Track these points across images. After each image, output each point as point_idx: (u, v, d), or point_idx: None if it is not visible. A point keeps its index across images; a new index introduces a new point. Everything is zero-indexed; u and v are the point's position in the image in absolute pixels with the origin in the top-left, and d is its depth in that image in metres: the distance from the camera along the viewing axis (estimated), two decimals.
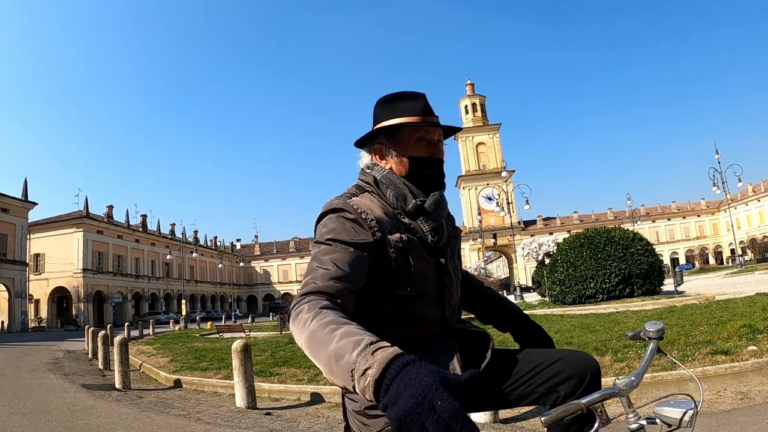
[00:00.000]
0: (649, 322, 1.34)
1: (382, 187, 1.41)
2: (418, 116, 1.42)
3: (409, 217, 1.38)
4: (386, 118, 1.44)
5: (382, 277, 1.29)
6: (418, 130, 1.42)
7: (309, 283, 1.15)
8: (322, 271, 1.17)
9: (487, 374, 1.42)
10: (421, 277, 1.34)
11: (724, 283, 22.65)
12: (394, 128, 1.42)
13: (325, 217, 1.31)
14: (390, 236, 1.31)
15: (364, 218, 1.29)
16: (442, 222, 1.43)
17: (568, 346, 7.13)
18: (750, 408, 4.26)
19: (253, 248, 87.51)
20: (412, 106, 1.43)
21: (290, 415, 5.79)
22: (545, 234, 59.60)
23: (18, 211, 42.41)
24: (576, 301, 16.53)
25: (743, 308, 8.79)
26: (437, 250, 1.40)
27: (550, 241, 23.68)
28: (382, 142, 1.45)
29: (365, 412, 1.31)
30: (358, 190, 1.42)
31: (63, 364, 12.90)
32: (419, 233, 1.37)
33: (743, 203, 73.73)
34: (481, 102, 79.38)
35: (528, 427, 4.57)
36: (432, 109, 1.45)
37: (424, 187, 1.41)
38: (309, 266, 1.22)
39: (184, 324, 34.29)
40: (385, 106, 1.46)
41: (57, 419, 5.92)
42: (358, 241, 1.24)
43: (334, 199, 1.35)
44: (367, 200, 1.37)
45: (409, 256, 1.31)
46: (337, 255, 1.20)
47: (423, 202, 1.38)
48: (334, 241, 1.23)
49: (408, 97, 1.45)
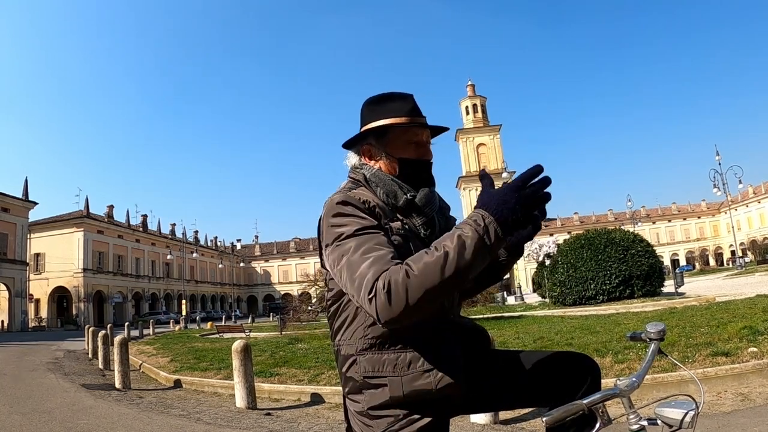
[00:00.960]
0: (650, 323, 1.34)
1: (372, 185, 1.40)
2: (407, 117, 1.42)
3: (400, 212, 1.38)
4: (374, 119, 1.44)
5: None
6: (407, 131, 1.43)
7: (376, 268, 1.11)
8: (378, 254, 1.15)
9: (490, 375, 1.42)
10: None
11: (725, 284, 22.67)
12: (382, 129, 1.42)
13: (334, 211, 1.29)
14: (392, 224, 1.32)
15: (368, 207, 1.30)
16: (433, 216, 1.42)
17: (568, 348, 7.13)
18: (751, 409, 4.25)
19: (253, 248, 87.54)
20: (400, 106, 1.43)
21: (290, 416, 5.79)
22: (545, 235, 59.42)
23: (18, 211, 42.43)
24: (576, 302, 16.54)
25: (744, 310, 8.79)
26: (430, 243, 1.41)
27: (550, 242, 23.69)
28: (371, 143, 1.45)
29: (368, 412, 1.30)
30: (353, 184, 1.42)
31: (63, 363, 12.90)
32: (412, 228, 1.37)
33: (744, 205, 73.73)
34: (482, 103, 79.43)
35: (528, 428, 4.57)
36: (420, 109, 1.45)
37: (415, 184, 1.42)
38: (353, 259, 1.17)
39: (184, 324, 34.32)
40: (372, 107, 1.46)
41: (57, 419, 5.92)
42: (378, 223, 1.26)
43: (335, 195, 1.34)
44: (366, 192, 1.38)
45: (410, 244, 1.32)
46: (375, 240, 1.20)
47: (414, 197, 1.39)
48: (363, 230, 1.22)
49: (396, 97, 1.45)
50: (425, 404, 1.28)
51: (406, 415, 1.27)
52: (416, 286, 1.05)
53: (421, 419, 1.27)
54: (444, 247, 1.08)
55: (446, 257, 1.06)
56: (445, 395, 1.28)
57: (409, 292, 1.05)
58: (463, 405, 1.40)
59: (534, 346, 7.70)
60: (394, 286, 1.06)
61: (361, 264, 1.15)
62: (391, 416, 1.27)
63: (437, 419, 1.30)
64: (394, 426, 1.26)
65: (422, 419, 1.27)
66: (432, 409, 1.29)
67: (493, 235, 1.08)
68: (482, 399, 1.43)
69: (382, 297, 1.07)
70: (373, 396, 1.29)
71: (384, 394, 1.27)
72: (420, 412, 1.27)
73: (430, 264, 1.06)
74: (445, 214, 1.53)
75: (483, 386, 1.41)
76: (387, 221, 1.32)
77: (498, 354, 1.50)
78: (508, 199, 1.09)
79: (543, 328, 10.26)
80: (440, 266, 1.05)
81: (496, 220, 1.08)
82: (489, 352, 1.49)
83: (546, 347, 7.52)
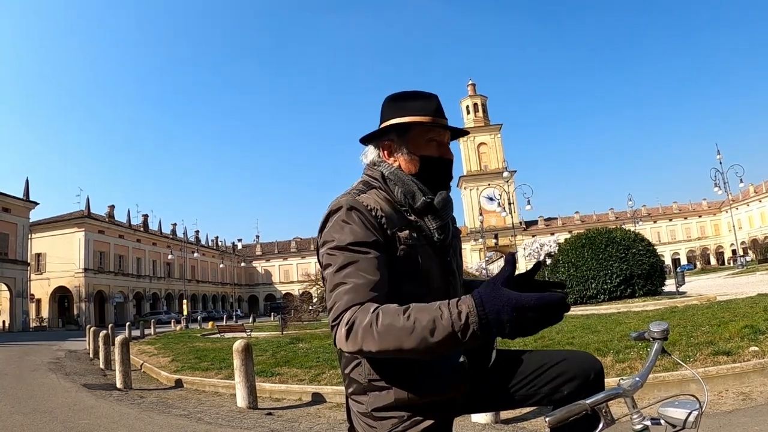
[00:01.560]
0: (653, 322, 1.34)
1: (390, 184, 1.39)
2: (431, 117, 1.41)
3: (416, 214, 1.37)
4: (396, 116, 1.43)
5: (392, 274, 1.28)
6: (429, 130, 1.42)
7: (348, 298, 1.16)
8: (356, 283, 1.17)
9: (491, 375, 1.42)
10: (428, 275, 1.34)
11: (726, 283, 22.64)
12: (405, 126, 1.42)
13: (336, 215, 1.29)
14: (399, 233, 1.31)
15: (374, 215, 1.28)
16: (448, 221, 1.42)
17: (569, 347, 7.12)
18: (752, 409, 4.25)
19: (254, 248, 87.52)
20: (424, 105, 1.42)
21: (291, 416, 5.79)
22: (547, 234, 59.61)
23: (19, 211, 42.47)
24: (577, 301, 16.52)
25: (745, 309, 8.78)
26: (443, 248, 1.40)
27: (551, 241, 23.70)
28: (392, 139, 1.44)
29: (372, 414, 1.30)
30: (365, 186, 1.40)
31: (64, 363, 12.91)
32: (425, 231, 1.36)
33: (745, 204, 73.63)
34: (483, 102, 79.34)
35: (529, 427, 4.57)
36: (443, 110, 1.45)
37: (432, 185, 1.41)
38: (335, 278, 1.20)
39: (185, 324, 34.28)
40: (395, 104, 1.45)
41: (58, 419, 5.92)
42: (375, 240, 1.25)
43: (341, 197, 1.33)
44: (375, 197, 1.35)
45: (417, 253, 1.31)
46: (363, 264, 1.20)
47: (432, 200, 1.38)
48: (356, 246, 1.23)
49: (421, 96, 1.45)
50: (429, 406, 1.28)
51: (410, 417, 1.27)
52: (373, 340, 1.07)
53: (424, 420, 1.27)
54: (417, 319, 1.04)
55: (412, 331, 1.03)
56: (450, 397, 1.29)
57: (366, 341, 1.08)
58: (465, 405, 1.40)
59: (535, 345, 7.69)
60: (356, 328, 1.09)
61: (340, 287, 1.18)
62: (395, 417, 1.28)
63: (441, 420, 1.30)
64: (399, 427, 1.27)
65: (426, 420, 1.27)
66: (436, 411, 1.29)
67: (470, 335, 1.01)
68: (484, 399, 1.43)
69: (343, 330, 1.11)
70: (378, 398, 1.29)
71: (389, 397, 1.28)
72: (423, 414, 1.28)
73: (395, 329, 1.05)
74: (453, 222, 1.53)
75: (484, 386, 1.41)
76: (394, 230, 1.30)
77: (501, 353, 1.49)
78: (509, 312, 0.98)
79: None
80: (402, 336, 1.04)
81: (480, 323, 1.00)
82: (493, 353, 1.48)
83: (547, 346, 7.51)
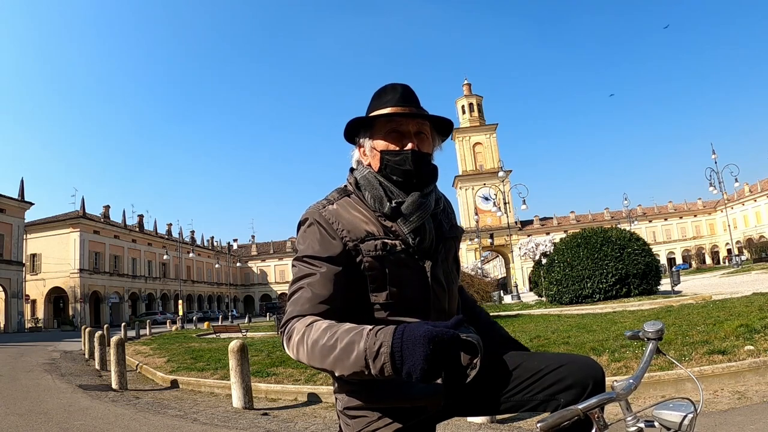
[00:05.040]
0: (648, 322, 1.33)
1: (362, 189, 1.36)
2: (393, 107, 1.34)
3: (388, 219, 1.32)
4: (369, 113, 1.39)
5: (357, 286, 1.27)
6: (390, 121, 1.35)
7: (292, 309, 1.22)
8: (302, 295, 1.22)
9: (484, 378, 1.36)
10: (399, 284, 1.28)
11: (721, 283, 22.70)
12: (369, 122, 1.38)
13: (302, 226, 1.33)
14: (362, 245, 1.27)
15: (335, 229, 1.27)
16: (424, 223, 1.33)
17: (565, 347, 7.13)
18: (747, 408, 4.26)
19: (249, 248, 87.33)
20: (389, 98, 1.36)
21: (287, 416, 5.77)
22: (542, 234, 59.68)
23: (14, 211, 42.27)
24: (573, 301, 16.56)
25: (740, 308, 8.81)
26: (422, 252, 1.33)
27: (547, 241, 23.68)
28: (361, 137, 1.42)
29: (345, 411, 1.32)
30: (338, 195, 1.37)
31: (59, 364, 12.85)
32: (401, 236, 1.31)
33: (740, 203, 73.90)
34: (478, 102, 79.26)
35: (525, 427, 4.56)
36: (412, 99, 1.37)
37: (401, 184, 1.34)
38: (290, 288, 1.27)
39: (180, 324, 34.17)
40: (371, 101, 1.42)
41: (53, 420, 5.89)
42: (330, 255, 1.25)
43: (311, 207, 1.34)
44: (344, 206, 1.32)
45: (384, 263, 1.27)
46: (313, 279, 1.23)
47: (400, 204, 1.31)
48: (309, 259, 1.26)
49: (389, 89, 1.39)
50: (399, 410, 1.27)
51: (380, 417, 1.27)
52: (305, 354, 1.13)
53: (394, 422, 1.26)
54: (338, 338, 1.07)
55: (330, 351, 1.07)
56: (421, 407, 1.26)
57: (299, 353, 1.14)
58: (451, 410, 1.37)
59: (531, 345, 7.69)
60: (292, 340, 1.16)
61: (291, 296, 1.25)
62: (366, 417, 1.29)
63: (416, 423, 1.28)
64: (369, 427, 1.27)
65: (395, 423, 1.26)
66: (407, 416, 1.27)
67: (378, 369, 1.00)
68: (478, 403, 1.40)
69: (283, 337, 1.19)
70: (350, 397, 1.31)
71: (360, 397, 1.28)
72: (393, 417, 1.27)
73: (318, 346, 1.10)
74: (449, 216, 1.48)
75: (474, 391, 1.34)
76: (356, 242, 1.26)
77: (495, 356, 1.47)
78: (421, 346, 0.95)
79: (539, 327, 10.28)
80: (325, 354, 1.09)
81: (392, 359, 0.98)
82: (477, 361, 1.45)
83: (543, 346, 7.52)
